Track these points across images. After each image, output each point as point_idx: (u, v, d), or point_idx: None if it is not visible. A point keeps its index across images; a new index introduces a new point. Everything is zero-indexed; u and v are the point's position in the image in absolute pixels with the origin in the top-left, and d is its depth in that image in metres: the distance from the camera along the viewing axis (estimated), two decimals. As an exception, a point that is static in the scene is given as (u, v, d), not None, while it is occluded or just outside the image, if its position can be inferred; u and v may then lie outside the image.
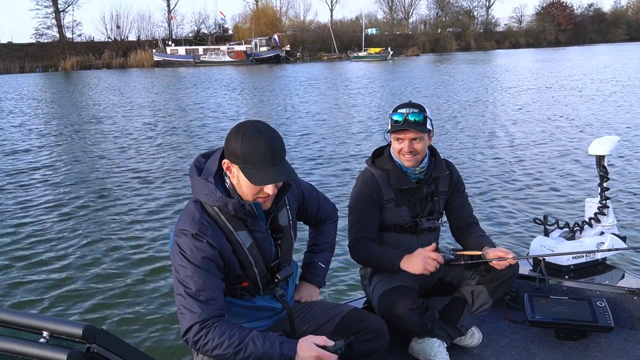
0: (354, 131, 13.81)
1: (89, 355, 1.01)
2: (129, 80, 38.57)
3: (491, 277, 2.44)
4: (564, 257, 2.90)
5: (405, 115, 2.36)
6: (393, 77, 33.25)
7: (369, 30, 74.99)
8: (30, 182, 9.61)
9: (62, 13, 64.58)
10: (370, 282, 2.57)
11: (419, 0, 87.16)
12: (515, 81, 26.79)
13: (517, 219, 6.80)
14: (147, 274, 5.55)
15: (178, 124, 16.27)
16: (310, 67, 50.17)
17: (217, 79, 36.74)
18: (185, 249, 1.75)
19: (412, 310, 2.28)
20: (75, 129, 15.93)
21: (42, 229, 6.97)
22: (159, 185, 9.09)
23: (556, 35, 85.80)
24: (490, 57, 56.14)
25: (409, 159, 2.41)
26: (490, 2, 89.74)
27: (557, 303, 2.64)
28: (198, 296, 1.71)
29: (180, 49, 61.83)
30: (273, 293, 2.00)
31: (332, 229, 2.33)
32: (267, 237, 1.93)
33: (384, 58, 58.58)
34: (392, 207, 2.50)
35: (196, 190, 1.84)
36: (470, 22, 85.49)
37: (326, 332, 1.89)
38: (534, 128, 13.48)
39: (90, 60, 59.85)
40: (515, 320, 2.79)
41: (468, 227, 2.63)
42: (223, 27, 72.56)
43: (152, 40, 66.03)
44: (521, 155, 10.44)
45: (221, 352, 1.69)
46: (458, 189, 2.64)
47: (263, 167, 1.73)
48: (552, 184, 8.32)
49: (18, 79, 44.31)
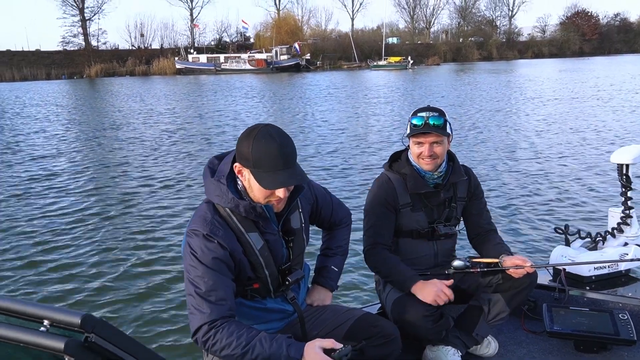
0: (373, 140, 13.70)
1: (86, 345, 1.01)
2: (151, 88, 39.12)
3: (508, 286, 2.38)
4: (585, 268, 2.82)
5: (426, 118, 2.33)
6: (413, 86, 33.10)
7: (390, 40, 75.09)
8: (51, 185, 9.76)
9: (88, 22, 66.20)
10: (385, 287, 2.53)
11: (440, 10, 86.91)
12: (540, 91, 26.49)
13: (537, 228, 6.67)
14: (165, 275, 5.59)
15: (197, 131, 16.39)
16: (330, 75, 50.32)
17: (238, 86, 37.05)
18: (196, 249, 1.76)
19: (426, 317, 2.24)
20: (96, 135, 16.18)
21: (61, 232, 7.07)
22: (178, 190, 9.16)
23: (580, 45, 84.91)
24: (513, 67, 55.78)
25: (428, 163, 2.37)
26: (513, 11, 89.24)
27: (577, 314, 2.56)
28: (208, 296, 1.71)
29: (201, 56, 62.65)
30: (284, 295, 1.99)
31: (346, 233, 2.31)
32: (279, 240, 1.92)
33: (404, 67, 58.71)
34: (408, 212, 2.46)
35: (209, 191, 1.84)
36: (493, 32, 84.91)
37: (337, 337, 1.86)
38: (557, 137, 13.28)
39: (114, 67, 61.02)
40: (534, 331, 2.71)
41: (486, 234, 2.58)
42: (245, 36, 73.40)
43: (175, 48, 67.15)
44: (543, 164, 10.29)
45: (229, 353, 1.69)
46: (477, 195, 2.59)
47: (274, 171, 1.73)
48: (575, 194, 8.17)
49: (44, 86, 45.33)
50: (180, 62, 61.39)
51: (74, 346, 0.99)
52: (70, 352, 0.98)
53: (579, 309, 2.59)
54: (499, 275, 2.39)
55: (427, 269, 2.51)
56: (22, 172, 10.91)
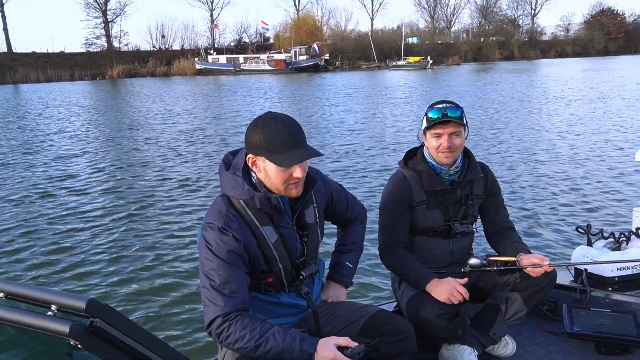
0: (390, 141, 13.56)
1: (91, 329, 1.02)
2: (171, 88, 39.46)
3: (526, 285, 2.34)
4: (607, 268, 2.74)
5: (444, 109, 2.32)
6: (432, 86, 32.84)
7: (410, 39, 74.53)
8: (71, 184, 9.91)
9: (110, 23, 67.13)
10: (400, 285, 2.51)
11: (461, 9, 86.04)
12: (563, 90, 26.13)
13: (558, 227, 6.55)
14: (181, 270, 5.67)
15: (214, 131, 16.47)
16: (348, 75, 50.21)
17: (256, 87, 37.14)
18: (211, 242, 1.77)
19: (441, 315, 2.21)
20: (116, 135, 16.36)
21: (81, 229, 7.16)
22: (193, 189, 9.21)
23: (605, 44, 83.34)
24: (535, 66, 55.20)
25: (447, 156, 2.34)
26: (535, 10, 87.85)
27: (598, 315, 2.49)
28: (222, 289, 1.73)
29: (221, 57, 63.01)
30: (298, 290, 1.99)
31: (361, 230, 2.30)
32: (293, 234, 1.93)
33: (423, 67, 58.31)
34: (423, 209, 2.43)
35: (224, 185, 1.87)
36: (515, 31, 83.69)
37: (351, 333, 1.88)
38: (580, 137, 13.08)
39: (135, 68, 61.71)
40: (553, 332, 2.65)
41: (504, 232, 2.53)
42: (264, 36, 73.64)
43: (195, 49, 67.60)
44: (565, 163, 10.15)
45: (242, 346, 1.70)
46: (494, 192, 2.55)
47: (288, 150, 1.75)
48: (597, 193, 8.01)
49: (67, 86, 46.05)
50: (200, 63, 61.80)
51: (79, 330, 1.00)
52: (75, 335, 0.99)
53: (601, 310, 2.52)
54: (517, 274, 2.34)
55: (442, 267, 2.48)
56: (42, 171, 11.08)
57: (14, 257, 6.19)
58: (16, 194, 9.17)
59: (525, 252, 2.34)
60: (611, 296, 2.70)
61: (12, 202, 8.57)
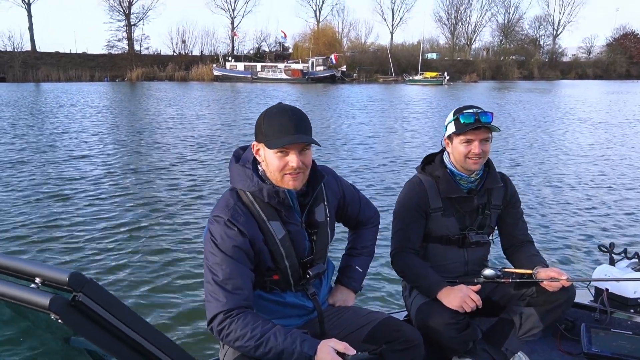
0: (403, 154, 13.26)
1: (73, 304, 0.98)
2: (187, 93, 39.69)
3: (543, 300, 2.22)
4: (630, 289, 2.62)
5: (476, 114, 2.24)
6: (446, 102, 32.57)
7: (429, 55, 74.43)
8: (82, 185, 9.81)
9: (132, 27, 68.11)
10: (411, 293, 2.45)
11: (482, 27, 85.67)
12: (587, 111, 25.91)
13: (579, 244, 6.35)
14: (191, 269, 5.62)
15: (227, 137, 16.35)
16: (365, 88, 50.10)
17: (272, 95, 37.20)
18: (216, 235, 1.75)
19: (450, 325, 2.15)
20: (126, 136, 16.30)
21: (93, 232, 7.02)
22: (207, 194, 9.08)
23: (628, 68, 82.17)
24: (556, 87, 54.99)
25: (476, 162, 2.28)
26: (558, 31, 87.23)
27: (618, 337, 2.38)
28: (225, 285, 1.69)
29: (239, 64, 63.51)
30: (305, 290, 1.95)
31: (373, 234, 2.24)
32: (302, 231, 1.89)
33: (440, 83, 58.23)
34: (438, 216, 2.37)
35: (233, 177, 1.85)
36: (536, 51, 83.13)
37: (357, 339, 1.87)
38: (604, 157, 12.85)
39: (154, 72, 62.36)
40: (570, 352, 2.52)
41: (521, 245, 2.43)
42: (283, 46, 74.12)
43: (214, 55, 68.21)
44: (589, 180, 10.01)
45: (243, 344, 1.66)
46: (513, 204, 2.49)
47: (284, 135, 1.73)
48: (622, 212, 7.81)
49: (85, 87, 46.52)
50: (218, 69, 62.27)
51: (60, 304, 0.96)
52: (54, 309, 0.95)
53: (621, 332, 2.41)
54: (533, 288, 2.25)
55: (456, 277, 2.38)
56: (54, 171, 11.00)
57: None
58: (24, 192, 9.07)
59: (542, 266, 2.23)
60: (633, 318, 2.57)
61: (22, 201, 8.47)
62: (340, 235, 2.12)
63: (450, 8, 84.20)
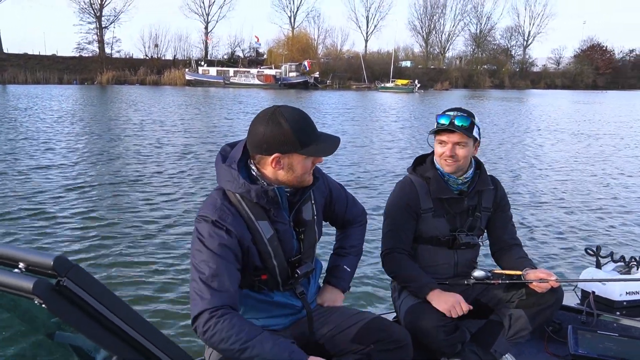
0: (380, 164, 12.96)
1: (57, 288, 0.96)
2: (159, 97, 39.21)
3: (532, 302, 2.25)
4: (616, 292, 2.66)
5: (452, 118, 2.27)
6: (413, 110, 32.94)
7: (403, 63, 75.28)
8: (50, 192, 9.51)
9: (104, 29, 67.13)
10: (400, 295, 2.44)
11: (455, 37, 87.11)
12: (565, 121, 26.59)
13: (567, 247, 6.46)
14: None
15: (204, 140, 16.16)
16: (337, 94, 50.25)
17: (245, 101, 37.00)
18: (204, 234, 1.72)
19: (439, 327, 2.14)
20: (95, 140, 15.94)
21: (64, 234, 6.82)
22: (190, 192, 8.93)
23: (594, 79, 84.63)
24: (528, 96, 56.21)
25: (449, 164, 2.30)
26: (528, 42, 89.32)
27: (605, 339, 2.39)
28: (211, 282, 1.65)
29: (211, 69, 63.22)
30: (293, 290, 1.92)
31: (360, 233, 2.23)
32: (289, 230, 1.87)
33: (410, 90, 59.01)
34: (429, 217, 2.38)
35: (220, 178, 1.82)
36: (507, 61, 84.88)
37: (346, 339, 1.88)
38: (595, 160, 13.25)
39: (125, 75, 61.43)
40: (557, 354, 2.53)
41: (510, 248, 2.46)
42: (257, 51, 74.07)
43: (187, 59, 67.78)
44: (577, 184, 10.25)
45: (227, 347, 1.60)
46: (502, 207, 2.50)
47: (319, 140, 1.75)
48: (609, 216, 7.98)
49: (54, 90, 45.33)
50: (190, 74, 61.81)
51: (43, 287, 0.93)
52: (38, 293, 0.93)
53: (607, 334, 2.42)
54: (523, 291, 2.27)
55: (446, 278, 2.39)
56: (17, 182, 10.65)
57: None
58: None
59: (531, 268, 2.26)
60: (619, 321, 2.59)
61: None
62: (328, 234, 2.09)
63: (424, 17, 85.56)
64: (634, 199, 9.15)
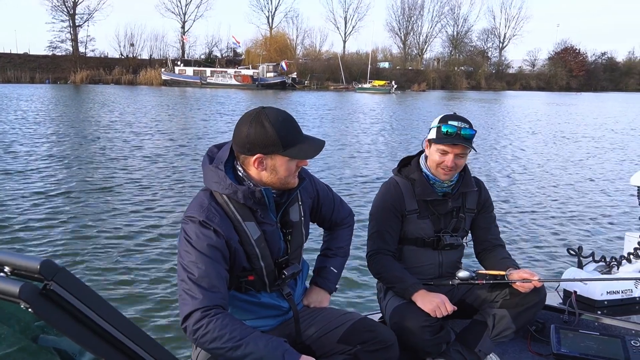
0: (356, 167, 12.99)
1: (44, 292, 0.94)
2: (135, 97, 38.77)
3: (515, 302, 2.27)
4: (597, 292, 2.72)
5: (459, 129, 2.25)
6: (394, 111, 33.14)
7: (382, 64, 75.73)
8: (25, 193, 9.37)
9: (77, 28, 65.81)
10: (385, 296, 2.45)
11: (433, 38, 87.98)
12: (550, 118, 27.55)
13: (549, 248, 6.58)
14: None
15: (184, 141, 16.08)
16: (315, 95, 50.40)
17: (222, 101, 36.81)
18: (191, 234, 1.72)
19: (424, 327, 2.16)
20: (66, 140, 15.70)
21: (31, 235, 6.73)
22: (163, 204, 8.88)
23: (567, 81, 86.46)
24: (504, 97, 57.12)
25: (446, 173, 2.32)
26: (504, 44, 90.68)
27: (586, 338, 2.46)
28: (200, 282, 1.65)
29: (188, 69, 62.69)
30: (280, 291, 1.93)
31: (347, 234, 2.25)
32: (277, 231, 1.87)
33: (387, 91, 59.53)
34: (414, 218, 2.40)
35: (207, 179, 1.81)
36: (483, 62, 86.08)
37: (332, 340, 1.89)
38: (577, 161, 13.54)
39: (100, 75, 60.56)
40: (540, 353, 2.58)
41: (493, 248, 2.50)
42: (236, 51, 73.68)
43: (163, 59, 67.02)
44: (560, 186, 10.44)
45: (219, 346, 1.60)
46: (486, 208, 2.53)
47: (302, 142, 1.75)
48: (591, 217, 8.15)
49: (24, 89, 44.37)
50: (167, 74, 61.14)
51: (30, 292, 0.92)
52: (25, 297, 0.91)
53: (589, 333, 2.48)
54: (506, 291, 2.29)
55: (431, 278, 2.41)
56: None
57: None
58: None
59: (514, 268, 2.28)
60: (600, 320, 2.65)
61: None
62: (315, 236, 2.09)
63: (401, 18, 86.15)
64: (614, 200, 9.32)
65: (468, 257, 2.60)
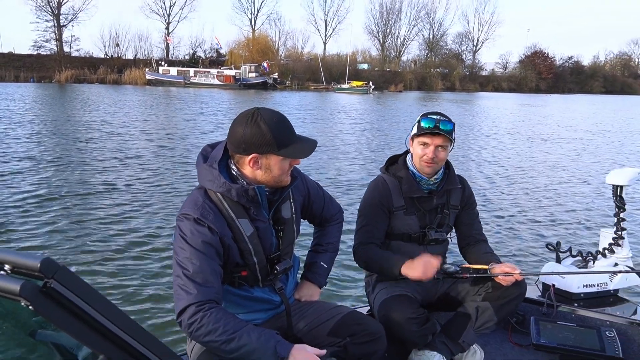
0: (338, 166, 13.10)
1: (44, 290, 0.94)
2: (120, 96, 38.50)
3: (497, 295, 2.36)
4: (574, 285, 2.81)
5: (437, 121, 2.34)
6: (372, 111, 33.61)
7: (361, 65, 77.24)
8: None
9: (62, 28, 65.13)
10: (374, 289, 2.54)
11: (410, 41, 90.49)
12: (519, 120, 27.65)
13: (529, 243, 6.78)
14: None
15: (169, 140, 15.92)
16: (296, 95, 50.67)
17: (206, 101, 36.59)
18: (186, 231, 1.75)
19: (411, 319, 2.26)
20: (53, 140, 15.58)
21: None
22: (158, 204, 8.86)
23: (537, 83, 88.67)
24: (476, 98, 57.78)
25: (429, 165, 2.39)
26: (477, 47, 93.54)
27: (564, 329, 2.56)
28: (195, 278, 1.69)
29: (172, 69, 62.71)
30: (272, 286, 1.98)
31: (337, 230, 2.30)
32: (269, 228, 1.91)
33: (365, 92, 60.43)
34: (401, 214, 2.48)
35: (201, 177, 1.85)
36: (458, 65, 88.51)
37: (322, 332, 1.95)
38: (552, 156, 13.78)
39: (85, 74, 60.21)
40: (520, 344, 2.69)
41: (476, 244, 2.60)
42: (219, 52, 74.12)
43: (148, 59, 66.82)
44: (540, 184, 10.65)
45: (213, 339, 1.65)
46: (469, 205, 2.62)
47: (296, 142, 1.80)
48: (569, 213, 8.40)
49: (8, 88, 43.07)
50: (151, 74, 61.06)
51: (30, 290, 0.92)
52: (25, 295, 0.92)
53: (566, 324, 2.59)
54: (489, 284, 2.39)
55: None
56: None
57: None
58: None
59: (496, 262, 2.37)
60: (577, 312, 2.73)
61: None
62: (306, 231, 2.21)
63: (380, 22, 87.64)
64: (590, 198, 9.57)
65: (452, 252, 2.68)
